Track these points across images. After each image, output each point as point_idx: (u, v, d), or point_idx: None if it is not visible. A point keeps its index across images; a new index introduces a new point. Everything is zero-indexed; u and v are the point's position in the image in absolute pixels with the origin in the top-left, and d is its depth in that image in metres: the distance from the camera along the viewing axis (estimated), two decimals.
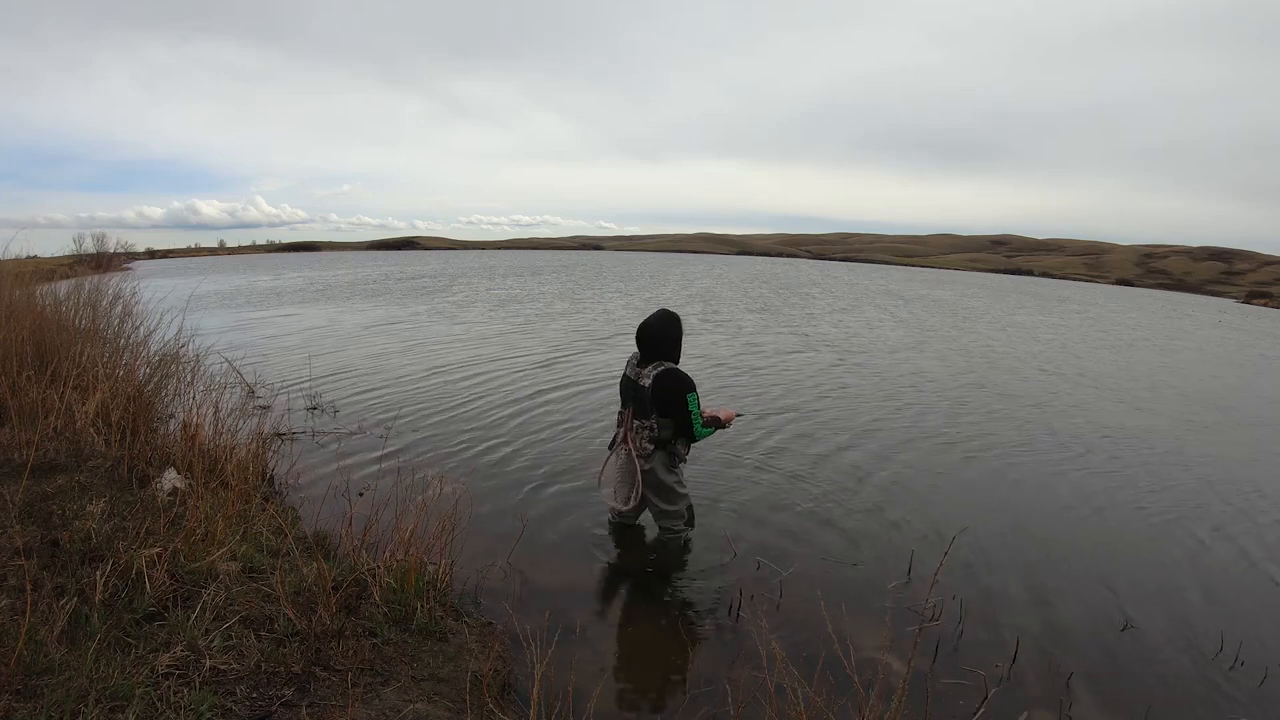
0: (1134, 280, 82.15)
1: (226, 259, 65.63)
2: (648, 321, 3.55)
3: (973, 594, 3.40)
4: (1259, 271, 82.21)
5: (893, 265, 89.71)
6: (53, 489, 3.10)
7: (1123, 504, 4.82)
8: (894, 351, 11.57)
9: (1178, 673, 2.90)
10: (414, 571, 2.67)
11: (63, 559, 2.49)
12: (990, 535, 4.14)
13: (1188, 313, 31.25)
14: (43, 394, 3.95)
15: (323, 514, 3.36)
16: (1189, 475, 5.58)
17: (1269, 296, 57.11)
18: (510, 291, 21.99)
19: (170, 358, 5.36)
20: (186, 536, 2.66)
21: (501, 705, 2.21)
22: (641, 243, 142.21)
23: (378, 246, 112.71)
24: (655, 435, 3.50)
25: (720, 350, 10.95)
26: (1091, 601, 3.43)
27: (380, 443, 5.07)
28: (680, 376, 3.45)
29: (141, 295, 8.00)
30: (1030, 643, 2.97)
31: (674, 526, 3.68)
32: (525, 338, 11.55)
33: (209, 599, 2.35)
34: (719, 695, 2.48)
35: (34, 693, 1.82)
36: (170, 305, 6.90)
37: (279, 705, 1.98)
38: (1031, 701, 2.62)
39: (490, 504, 4.21)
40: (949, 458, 5.65)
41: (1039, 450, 6.01)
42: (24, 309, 5.40)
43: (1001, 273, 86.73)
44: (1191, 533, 4.38)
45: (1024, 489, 5.02)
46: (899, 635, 2.92)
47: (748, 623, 3.01)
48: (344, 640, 2.31)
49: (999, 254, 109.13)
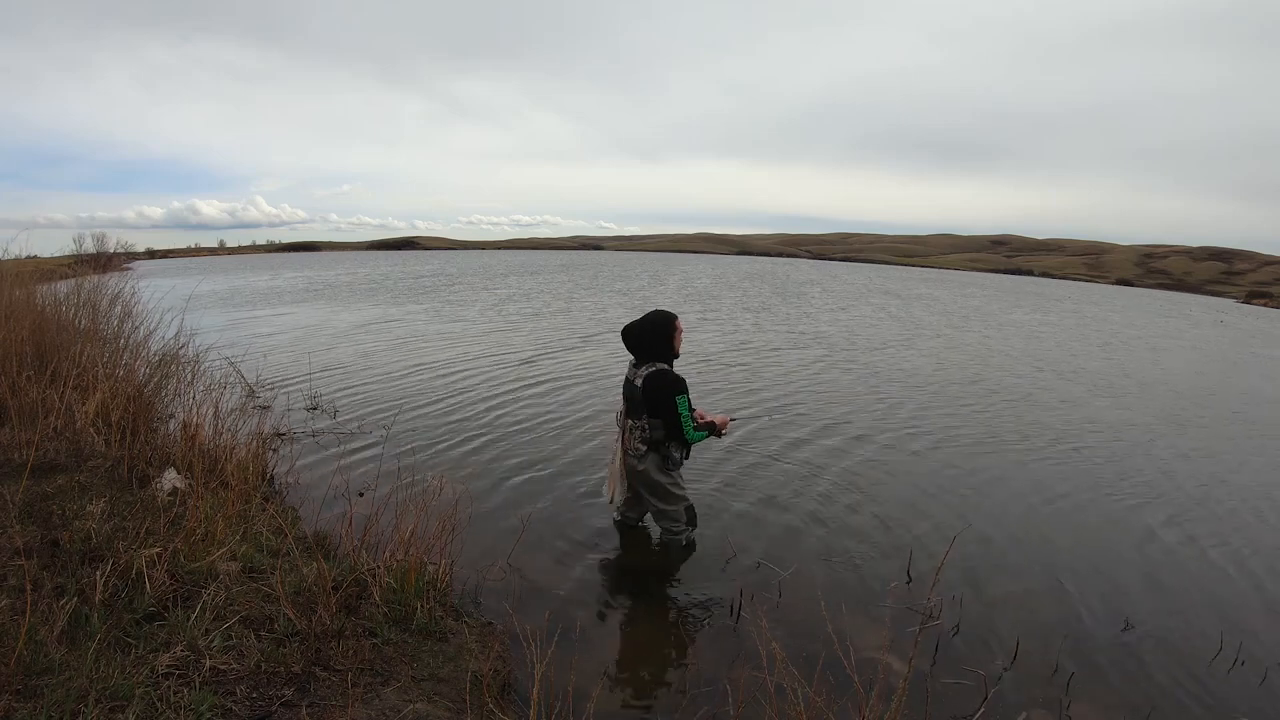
0: (1134, 280, 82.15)
1: (226, 259, 65.63)
2: (632, 323, 3.57)
3: (973, 594, 3.40)
4: (1259, 271, 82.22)
5: (893, 265, 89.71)
6: (53, 489, 3.10)
7: (1124, 504, 4.82)
8: (894, 351, 11.56)
9: (1178, 672, 2.90)
10: (414, 571, 2.67)
11: (63, 559, 2.49)
12: (990, 535, 4.14)
13: (1186, 312, 31.25)
14: (43, 394, 3.95)
15: (323, 514, 3.36)
16: (1190, 475, 5.57)
17: (1269, 296, 57.12)
18: (509, 291, 21.99)
19: (170, 358, 5.35)
20: (186, 536, 2.66)
21: (501, 705, 2.21)
22: (641, 243, 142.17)
23: (378, 246, 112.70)
24: (647, 435, 3.51)
25: (715, 347, 10.96)
26: (1092, 601, 3.43)
27: (380, 442, 5.07)
28: (670, 377, 3.46)
29: (141, 295, 8.00)
30: (1030, 643, 2.97)
31: (674, 527, 3.68)
32: (523, 338, 11.55)
33: (209, 599, 2.35)
34: (719, 695, 2.48)
35: (34, 693, 1.82)
36: (170, 305, 6.89)
37: (279, 705, 1.98)
38: (1031, 701, 2.62)
39: (490, 504, 4.21)
40: (949, 457, 5.65)
41: (1038, 449, 6.00)
42: (24, 309, 5.40)
43: (1001, 273, 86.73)
44: (1194, 533, 4.38)
45: (1023, 488, 5.02)
46: (899, 635, 2.92)
47: (748, 623, 3.01)
48: (344, 640, 2.31)
49: (999, 254, 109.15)
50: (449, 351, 9.82)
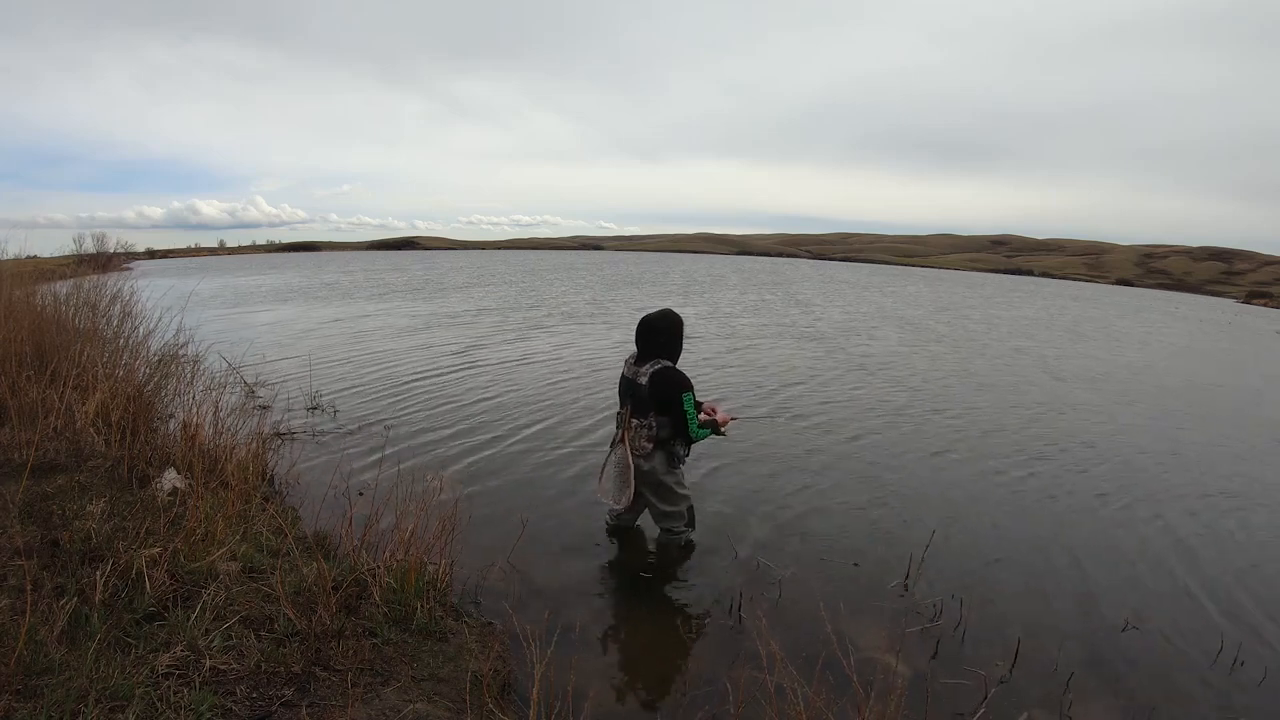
0: (1134, 280, 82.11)
1: (227, 259, 65.63)
2: (647, 318, 3.53)
3: (973, 594, 3.39)
4: (1259, 271, 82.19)
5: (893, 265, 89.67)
6: (53, 489, 3.10)
7: (1124, 504, 4.82)
8: (895, 352, 11.57)
9: (1179, 673, 2.89)
10: (414, 571, 2.67)
11: (63, 559, 2.49)
12: (990, 534, 4.14)
13: (1187, 313, 31.24)
14: (43, 394, 3.95)
15: (323, 514, 3.36)
16: (1193, 476, 5.58)
17: (1269, 296, 57.10)
18: (512, 291, 21.99)
19: (170, 357, 5.36)
20: (186, 536, 2.66)
21: (501, 705, 2.21)
22: (641, 243, 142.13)
23: (378, 246, 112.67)
24: (654, 434, 3.48)
25: (713, 346, 10.95)
26: (1093, 601, 3.43)
27: (380, 442, 5.07)
28: (676, 375, 3.44)
29: (141, 295, 8.00)
30: (1030, 643, 2.97)
31: (674, 527, 3.68)
32: (525, 336, 11.55)
33: (209, 599, 2.35)
34: (719, 695, 2.48)
35: (34, 693, 1.82)
36: (170, 305, 6.89)
37: (279, 705, 1.98)
38: (1031, 701, 2.62)
39: (490, 503, 4.21)
40: (950, 457, 5.65)
41: (1037, 449, 6.00)
42: (24, 309, 5.40)
43: (1001, 273, 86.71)
44: (1196, 534, 4.38)
45: (1023, 487, 5.02)
46: (899, 635, 2.92)
47: (748, 623, 3.01)
48: (344, 640, 2.31)
49: (999, 254, 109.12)
50: (450, 352, 9.82)
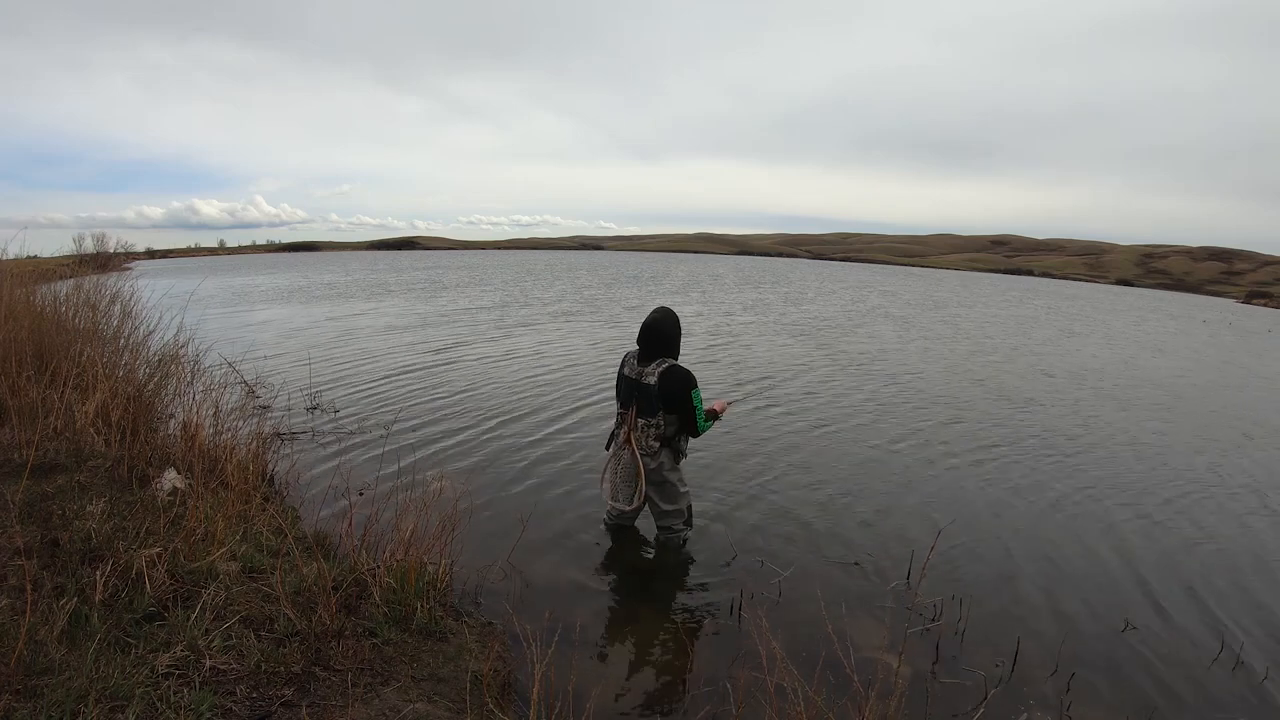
0: (1134, 280, 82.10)
1: (226, 259, 65.65)
2: (651, 319, 3.53)
3: (973, 594, 3.39)
4: (1259, 271, 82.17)
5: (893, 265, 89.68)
6: (53, 489, 3.10)
7: (1125, 505, 4.82)
8: (895, 352, 11.57)
9: (1178, 673, 2.89)
10: (414, 571, 2.67)
11: (63, 559, 2.49)
12: (991, 535, 4.14)
13: (1190, 313, 31.24)
14: (43, 394, 3.94)
15: (323, 514, 3.37)
16: (1192, 477, 5.57)
17: (1269, 296, 57.09)
18: (507, 289, 21.99)
19: (170, 358, 5.35)
20: (186, 536, 2.66)
21: (501, 705, 2.21)
22: (641, 242, 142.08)
23: (378, 246, 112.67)
24: (661, 431, 3.50)
25: (713, 345, 10.95)
26: (1093, 602, 3.43)
27: (380, 442, 5.06)
28: (684, 373, 3.46)
29: (141, 295, 7.99)
30: (1030, 643, 2.97)
31: (674, 525, 3.68)
32: (525, 337, 11.55)
33: (209, 599, 2.35)
34: (719, 695, 2.48)
35: (34, 693, 1.82)
36: (170, 305, 6.89)
37: (279, 705, 1.98)
38: (1031, 702, 2.62)
39: (491, 504, 4.21)
40: (950, 457, 5.65)
41: (1041, 450, 6.00)
42: (24, 309, 5.39)
43: (1001, 273, 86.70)
44: (1196, 535, 4.38)
45: (1026, 488, 5.02)
46: (899, 635, 2.92)
47: (748, 623, 3.01)
48: (344, 640, 2.31)
49: (999, 254, 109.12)
50: (449, 351, 9.81)
